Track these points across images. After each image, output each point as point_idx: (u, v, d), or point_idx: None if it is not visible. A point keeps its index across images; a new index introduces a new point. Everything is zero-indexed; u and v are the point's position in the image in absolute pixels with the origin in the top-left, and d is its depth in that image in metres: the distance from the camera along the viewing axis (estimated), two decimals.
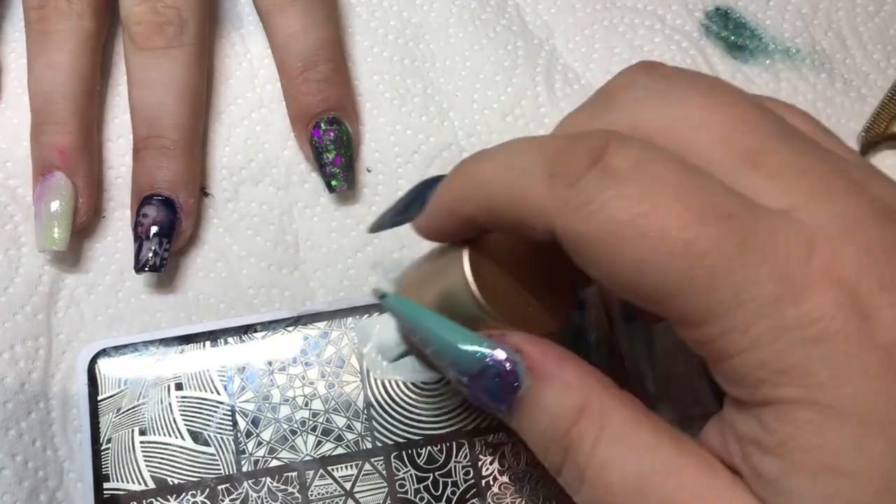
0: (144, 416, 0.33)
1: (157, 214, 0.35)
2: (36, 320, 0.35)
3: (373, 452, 0.33)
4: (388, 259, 0.37)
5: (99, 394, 0.33)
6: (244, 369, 0.34)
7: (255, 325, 0.34)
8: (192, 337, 0.34)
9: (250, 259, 0.37)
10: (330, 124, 0.36)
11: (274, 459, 0.33)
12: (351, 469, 0.33)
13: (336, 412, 0.34)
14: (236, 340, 0.34)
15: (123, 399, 0.33)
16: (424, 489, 0.33)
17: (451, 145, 0.38)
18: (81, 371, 0.34)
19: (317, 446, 0.33)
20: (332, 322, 0.35)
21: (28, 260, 0.36)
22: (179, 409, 0.33)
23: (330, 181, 0.36)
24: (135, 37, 0.36)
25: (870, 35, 0.41)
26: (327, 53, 0.37)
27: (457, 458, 0.33)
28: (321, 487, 0.33)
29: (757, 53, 0.41)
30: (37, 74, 0.36)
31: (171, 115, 0.36)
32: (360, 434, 0.33)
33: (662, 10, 0.41)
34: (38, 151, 0.36)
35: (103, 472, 0.32)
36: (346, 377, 0.34)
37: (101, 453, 0.33)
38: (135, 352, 0.34)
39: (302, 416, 0.34)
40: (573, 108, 0.38)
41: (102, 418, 0.33)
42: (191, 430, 0.33)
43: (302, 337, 0.35)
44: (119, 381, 0.33)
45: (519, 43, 0.40)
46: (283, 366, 0.34)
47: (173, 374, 0.34)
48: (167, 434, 0.33)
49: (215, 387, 0.34)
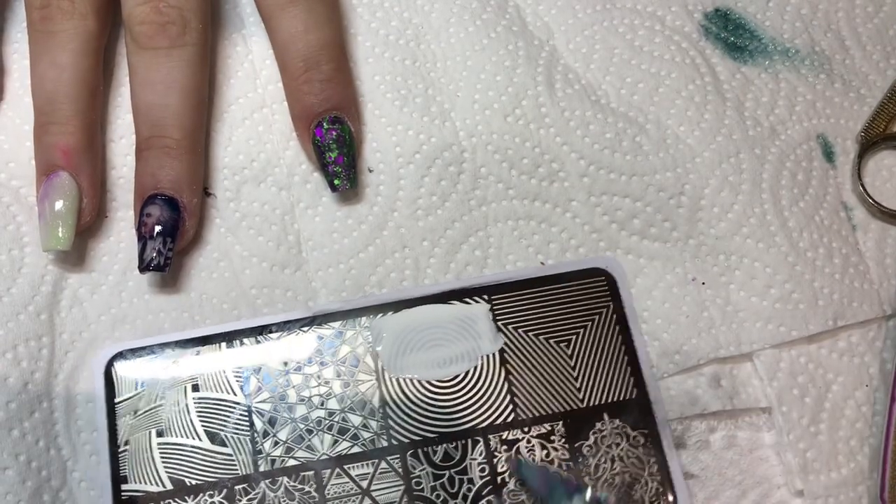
0: (161, 418, 0.33)
1: (161, 214, 0.35)
2: (39, 320, 0.35)
3: (389, 451, 0.33)
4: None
5: (116, 396, 0.34)
6: (260, 370, 0.34)
7: (270, 326, 0.35)
8: (207, 339, 0.35)
9: (253, 259, 0.37)
10: (332, 124, 0.36)
11: (291, 459, 0.33)
12: (367, 467, 0.33)
13: (352, 411, 0.34)
14: (252, 341, 0.35)
15: (140, 401, 0.34)
16: (440, 486, 0.33)
17: (452, 145, 0.38)
18: (98, 374, 0.34)
19: (333, 445, 0.33)
20: (346, 321, 0.35)
21: (31, 260, 0.36)
22: (196, 410, 0.34)
23: (332, 180, 0.36)
24: (137, 37, 0.36)
25: (869, 36, 0.41)
26: (329, 53, 0.37)
27: (472, 454, 0.34)
28: (338, 486, 0.33)
29: (756, 54, 0.41)
30: (40, 74, 0.36)
31: (174, 115, 0.36)
32: (376, 432, 0.34)
33: (662, 12, 0.42)
34: (41, 151, 0.36)
35: (121, 474, 0.33)
36: (361, 376, 0.34)
37: (119, 455, 0.33)
38: (151, 354, 0.34)
39: (318, 415, 0.34)
40: (574, 108, 0.39)
41: (119, 421, 0.33)
42: (208, 431, 0.33)
43: (316, 337, 0.35)
44: (135, 383, 0.34)
45: (520, 43, 0.40)
46: (298, 366, 0.34)
47: (189, 376, 0.34)
48: (184, 435, 0.33)
49: (231, 388, 0.34)
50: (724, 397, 0.36)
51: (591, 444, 0.34)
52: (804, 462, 0.35)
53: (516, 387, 0.35)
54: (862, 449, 0.35)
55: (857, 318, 0.37)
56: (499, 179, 0.38)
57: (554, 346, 0.35)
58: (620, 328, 0.36)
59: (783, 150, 0.39)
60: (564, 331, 0.36)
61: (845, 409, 0.36)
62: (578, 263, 0.37)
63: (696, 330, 0.36)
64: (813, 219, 0.38)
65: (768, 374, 0.36)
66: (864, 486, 0.35)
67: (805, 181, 0.39)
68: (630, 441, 0.34)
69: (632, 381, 0.35)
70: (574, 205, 0.38)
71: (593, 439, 0.34)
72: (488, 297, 0.36)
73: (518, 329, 0.36)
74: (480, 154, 0.38)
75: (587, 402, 0.35)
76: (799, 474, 0.35)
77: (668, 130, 0.39)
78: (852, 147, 0.40)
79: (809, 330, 0.36)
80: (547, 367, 0.35)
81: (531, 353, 0.35)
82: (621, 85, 0.40)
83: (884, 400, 0.36)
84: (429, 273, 0.37)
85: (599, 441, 0.34)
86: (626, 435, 0.34)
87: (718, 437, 0.35)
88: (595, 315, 0.36)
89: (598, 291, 0.36)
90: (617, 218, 0.38)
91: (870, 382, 0.36)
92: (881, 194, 0.39)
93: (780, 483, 0.35)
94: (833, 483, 0.35)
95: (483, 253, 0.37)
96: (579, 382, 0.35)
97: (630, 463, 0.34)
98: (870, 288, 0.37)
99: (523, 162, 0.38)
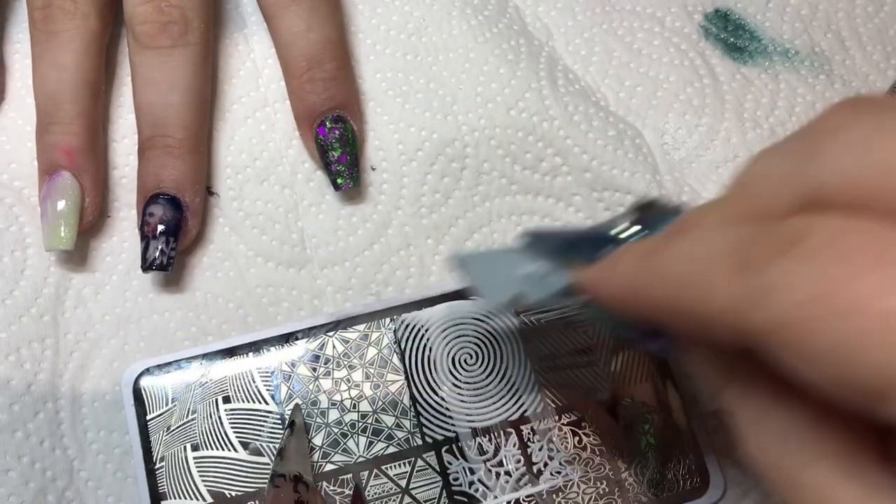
0: (195, 432, 0.33)
1: (164, 213, 0.35)
2: (42, 322, 0.35)
3: (424, 448, 0.34)
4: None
5: (147, 413, 0.33)
6: (290, 377, 0.34)
7: (295, 333, 0.35)
8: (234, 349, 0.35)
9: (257, 258, 0.37)
10: (335, 122, 0.36)
11: (328, 463, 0.33)
12: (404, 466, 0.33)
13: (384, 412, 0.34)
14: (278, 349, 0.35)
15: (172, 417, 0.33)
16: (478, 480, 0.34)
17: (454, 141, 0.38)
18: (127, 392, 0.34)
19: (368, 447, 0.34)
20: (370, 324, 0.35)
21: (34, 262, 0.36)
22: (229, 421, 0.33)
23: (336, 179, 0.36)
24: (139, 36, 0.36)
25: (869, 36, 0.42)
26: (332, 52, 0.37)
27: (506, 447, 0.34)
28: (377, 487, 0.33)
29: (756, 55, 0.41)
30: (42, 74, 0.36)
31: (177, 115, 0.36)
32: (410, 431, 0.34)
33: (662, 13, 0.42)
34: (44, 151, 0.35)
35: (160, 491, 0.33)
36: (390, 377, 0.35)
37: (156, 472, 0.33)
38: (178, 368, 0.34)
39: (351, 418, 0.34)
40: (577, 105, 0.39)
41: (153, 437, 0.33)
42: (243, 442, 0.33)
43: (342, 341, 0.35)
44: (165, 398, 0.34)
45: (521, 40, 0.40)
46: (327, 370, 0.34)
47: (219, 388, 0.34)
48: (220, 447, 0.33)
49: (262, 397, 0.34)
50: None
51: (621, 428, 0.34)
52: None
53: (543, 377, 0.35)
54: None
55: None
56: (502, 175, 0.38)
57: (576, 333, 0.36)
58: None
59: None
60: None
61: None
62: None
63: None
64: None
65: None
66: None
67: None
68: (659, 422, 0.35)
69: (656, 362, 0.36)
70: (577, 199, 0.38)
71: (623, 423, 0.35)
72: None
73: (541, 320, 0.36)
74: (483, 149, 0.38)
75: (614, 387, 0.35)
76: None
77: (665, 135, 0.39)
78: None
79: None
80: (571, 354, 0.35)
81: (555, 342, 0.36)
82: (619, 88, 0.40)
83: None
84: (434, 270, 0.37)
85: (629, 424, 0.35)
86: (655, 416, 0.35)
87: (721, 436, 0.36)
88: None
89: None
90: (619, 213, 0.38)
91: None
92: None
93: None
94: None
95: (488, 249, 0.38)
96: (604, 366, 0.35)
97: (661, 443, 0.34)
98: None
99: (526, 157, 0.38)
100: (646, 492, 0.34)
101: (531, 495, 0.33)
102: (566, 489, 0.34)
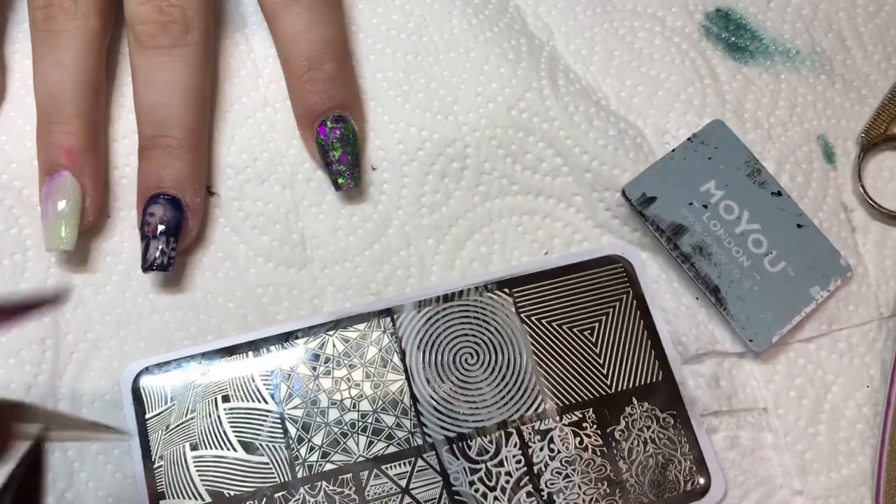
0: (194, 431, 0.33)
1: (164, 213, 0.35)
2: (42, 323, 0.35)
3: (424, 448, 0.34)
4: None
5: (146, 412, 0.33)
6: (289, 376, 0.34)
7: (295, 332, 0.35)
8: (233, 348, 0.35)
9: (258, 258, 0.37)
10: (336, 122, 0.36)
11: (328, 463, 0.33)
12: (405, 466, 0.33)
13: (384, 411, 0.34)
14: (278, 348, 0.35)
15: (171, 416, 0.33)
16: (479, 480, 0.34)
17: (455, 141, 0.38)
18: (125, 391, 0.34)
19: (369, 447, 0.34)
20: (370, 323, 0.35)
21: (34, 263, 0.36)
22: (228, 420, 0.34)
23: (336, 179, 0.36)
24: (140, 36, 0.36)
25: (870, 36, 0.42)
26: (333, 52, 0.37)
27: (507, 447, 0.34)
28: (377, 487, 0.33)
29: (757, 55, 0.41)
30: (43, 74, 0.36)
31: (177, 115, 0.36)
32: (410, 431, 0.34)
33: (663, 13, 0.42)
34: (44, 151, 0.35)
35: (158, 490, 0.33)
36: (390, 376, 0.35)
37: (155, 471, 0.33)
38: (177, 367, 0.34)
39: (351, 417, 0.34)
40: (578, 104, 0.39)
41: (152, 436, 0.33)
42: (242, 441, 0.33)
43: (342, 340, 0.35)
44: (164, 398, 0.34)
45: (522, 40, 0.40)
46: (327, 370, 0.34)
47: (219, 387, 0.34)
48: (219, 447, 0.33)
49: (262, 396, 0.34)
50: (722, 397, 0.36)
51: (622, 429, 0.35)
52: (802, 463, 0.35)
53: (545, 377, 0.35)
54: (863, 450, 0.36)
55: (853, 321, 0.37)
56: (502, 175, 0.38)
57: (578, 334, 0.36)
58: (641, 313, 0.36)
59: (783, 151, 0.39)
60: (587, 319, 0.36)
61: (845, 410, 0.36)
62: (594, 252, 0.37)
63: (694, 322, 0.37)
64: (812, 220, 0.38)
65: (765, 376, 0.36)
66: (867, 486, 0.35)
67: (805, 182, 0.39)
68: (660, 423, 0.35)
69: (657, 364, 0.36)
70: (577, 199, 0.38)
71: (624, 424, 0.35)
72: (510, 291, 0.36)
73: (542, 320, 0.36)
74: (484, 149, 0.38)
75: (616, 388, 0.35)
76: (797, 475, 0.35)
77: (666, 134, 0.39)
78: (853, 148, 0.40)
79: (804, 334, 0.37)
80: (573, 355, 0.36)
81: (557, 343, 0.36)
82: (620, 88, 0.40)
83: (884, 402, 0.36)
84: (434, 270, 0.37)
85: (631, 425, 0.35)
86: (656, 417, 0.35)
87: (720, 437, 0.35)
88: (616, 301, 0.36)
89: (617, 278, 0.37)
90: (619, 213, 0.38)
91: (870, 383, 0.36)
92: (882, 196, 0.39)
93: (782, 483, 0.35)
94: (833, 484, 0.35)
95: (488, 249, 0.37)
96: (606, 369, 0.35)
97: (662, 444, 0.34)
98: (867, 291, 0.38)
99: (527, 156, 0.38)
100: (647, 493, 0.34)
101: (532, 496, 0.33)
102: (567, 490, 0.34)
